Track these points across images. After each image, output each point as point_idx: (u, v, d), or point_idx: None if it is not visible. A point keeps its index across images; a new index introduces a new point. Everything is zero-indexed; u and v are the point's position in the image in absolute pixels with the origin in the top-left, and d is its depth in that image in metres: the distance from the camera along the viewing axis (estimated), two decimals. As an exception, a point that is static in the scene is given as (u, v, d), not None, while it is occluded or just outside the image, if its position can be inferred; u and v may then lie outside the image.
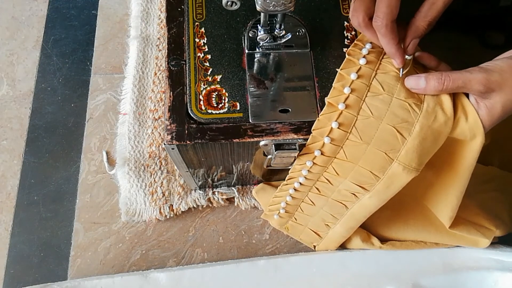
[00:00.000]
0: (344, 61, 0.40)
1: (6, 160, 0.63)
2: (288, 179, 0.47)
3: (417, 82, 0.38)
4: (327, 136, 0.39)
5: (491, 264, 0.52)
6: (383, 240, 0.54)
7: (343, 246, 0.55)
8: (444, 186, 0.45)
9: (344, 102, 0.38)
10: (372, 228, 0.54)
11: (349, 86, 0.38)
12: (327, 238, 0.53)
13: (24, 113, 0.66)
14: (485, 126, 0.38)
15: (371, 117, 0.38)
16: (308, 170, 0.43)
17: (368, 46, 0.40)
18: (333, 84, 0.39)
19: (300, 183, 0.46)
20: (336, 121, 0.38)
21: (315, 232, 0.53)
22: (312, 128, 0.40)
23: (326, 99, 0.39)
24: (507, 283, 0.51)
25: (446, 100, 0.38)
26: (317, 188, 0.46)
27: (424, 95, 0.39)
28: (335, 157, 0.41)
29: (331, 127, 0.39)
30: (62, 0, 0.73)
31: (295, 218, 0.53)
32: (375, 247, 0.53)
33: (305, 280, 0.54)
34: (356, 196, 0.44)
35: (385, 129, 0.38)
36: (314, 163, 0.42)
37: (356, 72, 0.39)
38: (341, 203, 0.46)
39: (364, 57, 0.39)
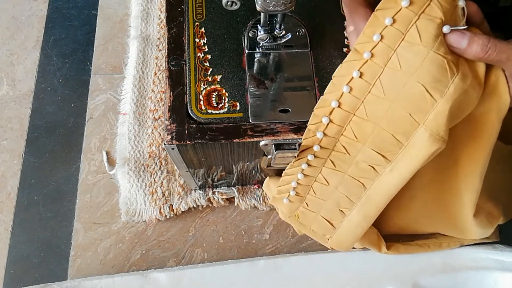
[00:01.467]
0: None
1: (6, 160, 0.63)
2: (301, 151, 0.42)
3: (459, 39, 0.33)
4: (347, 84, 0.35)
5: (491, 264, 0.52)
6: (390, 231, 0.53)
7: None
8: (466, 167, 0.41)
9: (370, 51, 0.34)
10: (380, 217, 0.53)
11: (380, 33, 0.33)
12: (341, 228, 0.49)
13: (24, 113, 0.66)
14: None
15: (399, 70, 0.34)
16: (324, 132, 0.39)
17: None
18: (364, 28, 0.34)
19: (314, 155, 0.41)
20: (358, 70, 0.35)
21: (328, 221, 0.49)
22: (333, 75, 0.37)
23: (354, 44, 0.35)
24: (507, 283, 0.51)
25: (481, 68, 0.35)
26: (332, 162, 0.42)
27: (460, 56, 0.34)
28: (354, 114, 0.37)
29: (352, 76, 0.35)
30: (62, 0, 0.73)
31: (307, 204, 0.49)
32: (381, 252, 0.52)
33: (305, 280, 0.54)
34: (375, 170, 0.40)
35: (413, 87, 0.34)
36: (330, 120, 0.38)
37: (393, 16, 0.33)
38: (358, 181, 0.42)
39: None
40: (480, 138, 0.39)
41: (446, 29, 0.33)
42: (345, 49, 0.45)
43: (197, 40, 0.45)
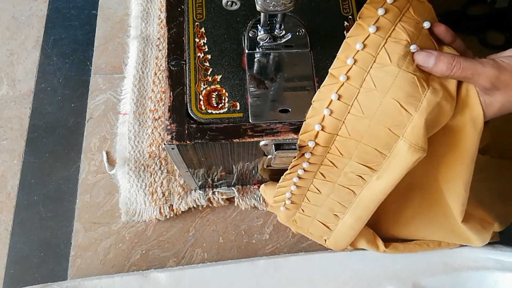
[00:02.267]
0: (352, 27, 0.37)
1: (6, 160, 0.63)
2: (291, 167, 0.44)
3: (426, 59, 0.36)
4: (327, 108, 0.37)
5: (491, 264, 0.52)
6: (388, 237, 0.54)
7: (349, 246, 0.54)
8: (450, 177, 0.44)
9: (346, 74, 0.36)
10: (378, 224, 0.54)
11: (353, 57, 0.36)
12: (336, 230, 0.51)
13: (24, 113, 0.66)
14: None
15: (374, 90, 0.36)
16: (311, 153, 0.41)
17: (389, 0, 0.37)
18: (337, 54, 0.37)
19: (304, 170, 0.44)
20: (336, 93, 0.37)
21: (324, 224, 0.51)
22: (313, 100, 0.39)
23: (329, 70, 0.38)
24: (507, 283, 0.51)
25: (451, 83, 0.37)
26: (321, 174, 0.44)
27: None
28: (337, 134, 0.39)
29: (331, 99, 0.37)
30: (62, 0, 0.73)
31: (302, 210, 0.51)
32: (379, 251, 0.53)
33: (305, 280, 0.54)
34: (363, 178, 0.42)
35: (389, 103, 0.36)
36: (316, 143, 0.40)
37: (363, 42, 0.36)
38: (348, 188, 0.44)
39: (377, 21, 0.36)
40: (458, 148, 0.40)
41: (413, 48, 0.36)
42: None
43: (197, 40, 0.45)
